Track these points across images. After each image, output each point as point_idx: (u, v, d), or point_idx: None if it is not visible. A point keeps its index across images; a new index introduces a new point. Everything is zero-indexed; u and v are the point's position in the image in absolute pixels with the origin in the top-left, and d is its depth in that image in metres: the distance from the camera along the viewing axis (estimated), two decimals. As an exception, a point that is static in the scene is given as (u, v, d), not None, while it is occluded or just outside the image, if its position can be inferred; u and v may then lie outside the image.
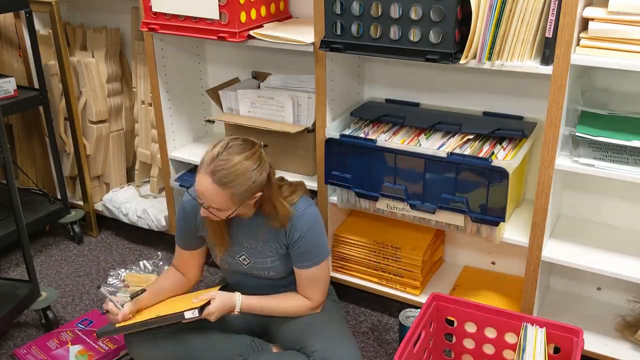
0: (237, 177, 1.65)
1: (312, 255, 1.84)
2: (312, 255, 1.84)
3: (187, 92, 2.55)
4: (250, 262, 1.90)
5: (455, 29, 1.72)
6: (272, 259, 1.87)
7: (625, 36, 1.58)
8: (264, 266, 1.89)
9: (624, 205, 2.01)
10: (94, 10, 2.79)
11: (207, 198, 1.69)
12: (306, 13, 2.28)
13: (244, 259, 1.90)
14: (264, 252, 1.87)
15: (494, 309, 1.82)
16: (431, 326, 1.88)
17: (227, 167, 1.65)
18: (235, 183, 1.66)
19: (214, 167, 1.66)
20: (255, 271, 1.91)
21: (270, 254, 1.87)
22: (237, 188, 1.67)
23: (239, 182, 1.66)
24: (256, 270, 1.91)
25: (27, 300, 2.17)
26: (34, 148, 2.92)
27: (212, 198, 1.68)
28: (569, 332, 1.72)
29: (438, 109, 2.14)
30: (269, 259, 1.88)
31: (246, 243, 1.88)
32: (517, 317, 1.79)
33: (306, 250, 1.83)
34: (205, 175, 1.67)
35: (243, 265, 1.91)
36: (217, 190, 1.66)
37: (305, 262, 1.84)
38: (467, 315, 1.85)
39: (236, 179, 1.65)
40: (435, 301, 1.88)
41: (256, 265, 1.90)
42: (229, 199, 1.68)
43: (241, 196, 1.69)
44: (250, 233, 1.87)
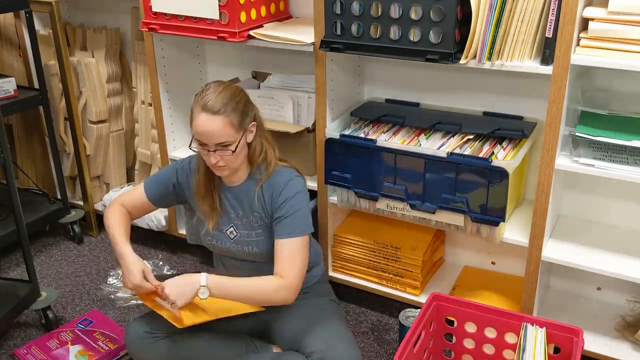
0: (227, 102, 1.70)
1: (292, 225, 1.77)
2: (292, 225, 1.77)
3: (187, 92, 2.54)
4: (237, 235, 1.88)
5: (455, 29, 1.72)
6: (256, 232, 1.86)
7: (625, 36, 1.58)
8: (249, 239, 1.86)
9: (624, 205, 2.01)
10: (94, 10, 2.79)
11: (209, 135, 1.70)
12: (306, 13, 2.28)
13: (231, 232, 1.88)
14: (250, 223, 1.85)
15: (494, 309, 1.82)
16: (431, 326, 1.88)
17: (214, 96, 1.70)
18: (227, 107, 1.69)
19: (202, 102, 1.70)
20: (240, 246, 1.88)
21: (256, 225, 1.85)
22: (231, 112, 1.70)
23: (231, 106, 1.70)
24: (241, 245, 1.88)
25: (27, 300, 2.17)
26: (34, 148, 2.92)
27: (213, 132, 1.69)
28: (569, 332, 1.72)
29: (438, 109, 2.14)
30: (253, 232, 1.86)
31: (234, 213, 1.87)
32: (517, 317, 1.79)
33: (287, 217, 1.77)
34: (199, 113, 1.70)
35: (229, 238, 1.89)
36: (214, 121, 1.68)
37: (285, 232, 1.77)
38: (467, 315, 1.85)
39: (227, 103, 1.69)
40: (435, 301, 1.88)
41: (242, 239, 1.87)
42: (228, 125, 1.70)
43: (240, 121, 1.72)
44: (238, 200, 1.86)
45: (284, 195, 1.79)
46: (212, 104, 1.69)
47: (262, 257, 1.88)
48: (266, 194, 1.82)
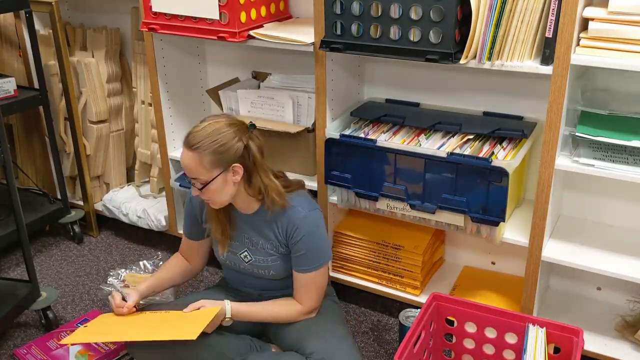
0: (204, 138, 1.68)
1: (311, 260, 1.82)
2: (311, 260, 1.82)
3: (187, 92, 2.55)
4: (252, 259, 1.90)
5: (455, 29, 1.72)
6: (272, 258, 1.87)
7: (625, 36, 1.58)
8: (265, 264, 1.89)
9: (624, 205, 2.01)
10: (94, 10, 2.79)
11: (185, 166, 1.72)
12: (306, 13, 2.28)
13: (246, 256, 1.90)
14: (265, 250, 1.87)
15: (494, 309, 1.82)
16: (431, 326, 1.88)
17: (196, 131, 1.71)
18: (202, 144, 1.67)
19: (187, 137, 1.72)
20: (256, 270, 1.91)
21: (271, 252, 1.87)
22: (205, 151, 1.68)
23: (206, 143, 1.67)
24: (257, 269, 1.90)
25: (27, 300, 2.17)
26: (34, 148, 2.92)
27: (186, 164, 1.71)
28: (569, 332, 1.72)
29: (438, 109, 2.14)
30: (269, 257, 1.87)
31: (247, 239, 1.89)
32: (517, 317, 1.79)
33: (306, 254, 1.82)
34: (183, 147, 1.73)
35: (244, 262, 1.91)
36: (189, 156, 1.70)
37: (304, 267, 1.83)
38: (467, 315, 1.85)
39: (204, 139, 1.68)
40: (435, 301, 1.88)
41: (257, 264, 1.90)
42: (198, 163, 1.69)
43: (212, 161, 1.68)
44: (252, 228, 1.87)
45: (300, 232, 1.80)
46: (190, 137, 1.70)
47: (279, 276, 1.91)
48: (281, 229, 1.83)
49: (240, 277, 1.99)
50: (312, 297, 1.86)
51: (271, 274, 1.90)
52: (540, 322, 1.76)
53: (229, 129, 1.71)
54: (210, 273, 2.60)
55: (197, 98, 2.60)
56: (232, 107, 2.34)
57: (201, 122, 1.73)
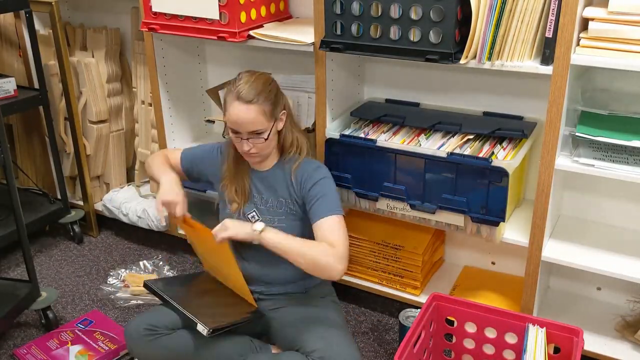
0: (260, 91, 1.77)
1: (327, 206, 1.81)
2: (327, 206, 1.81)
3: (187, 92, 2.55)
4: (259, 219, 1.90)
5: (455, 29, 1.72)
6: (279, 218, 1.89)
7: (625, 36, 1.58)
8: (271, 225, 1.85)
9: (624, 205, 2.01)
10: (94, 10, 2.79)
11: (242, 123, 1.76)
12: (306, 13, 2.28)
13: (253, 216, 1.92)
14: (274, 209, 1.90)
15: (494, 309, 1.82)
16: (431, 326, 1.88)
17: (247, 85, 1.77)
18: (260, 96, 1.76)
19: (236, 92, 1.76)
20: None
21: (280, 210, 1.90)
22: (264, 101, 1.77)
23: (263, 95, 1.77)
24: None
25: (27, 300, 2.17)
26: (34, 148, 2.92)
27: (247, 120, 1.76)
28: (569, 332, 1.72)
29: (438, 109, 2.14)
30: (276, 218, 1.90)
31: (258, 198, 1.92)
32: (517, 317, 1.79)
33: (320, 199, 1.81)
34: (232, 102, 1.77)
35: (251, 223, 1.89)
36: (249, 109, 1.75)
37: (322, 212, 1.80)
38: (467, 315, 1.85)
39: (260, 92, 1.77)
40: (435, 301, 1.88)
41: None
42: (261, 114, 1.76)
43: (271, 109, 1.78)
44: (264, 186, 1.91)
45: (313, 178, 1.85)
46: (245, 93, 1.75)
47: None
48: (295, 180, 1.87)
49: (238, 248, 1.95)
50: (341, 240, 1.77)
51: None
52: (540, 322, 1.76)
53: (274, 82, 1.84)
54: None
55: (197, 98, 2.60)
56: (232, 107, 2.34)
57: (243, 77, 1.79)
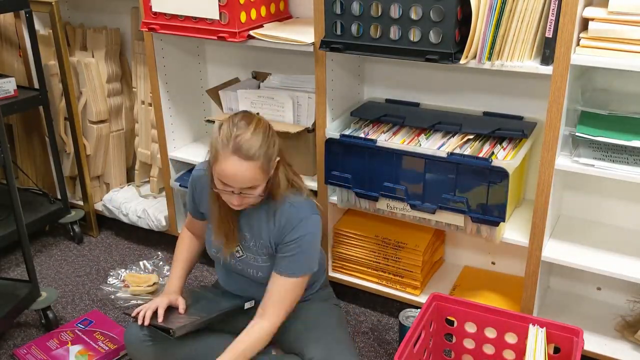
0: (261, 145, 1.64)
1: (293, 266, 1.76)
2: (293, 266, 1.76)
3: (187, 92, 2.55)
4: (243, 255, 1.87)
5: (455, 29, 1.72)
6: (263, 259, 1.84)
7: (625, 36, 1.58)
8: (255, 264, 1.85)
9: (624, 205, 2.01)
10: (94, 10, 2.79)
11: (239, 179, 1.64)
12: (306, 13, 2.28)
13: (238, 250, 1.87)
14: (257, 249, 1.84)
15: (494, 309, 1.82)
16: (431, 326, 1.88)
17: (246, 140, 1.62)
18: (260, 151, 1.64)
19: (235, 145, 1.62)
20: (245, 267, 1.88)
21: (262, 251, 1.83)
22: (262, 157, 1.65)
23: (264, 149, 1.65)
24: (246, 266, 1.87)
25: (27, 300, 2.17)
26: (34, 148, 2.92)
27: (244, 176, 1.64)
28: (569, 332, 1.72)
29: (438, 109, 2.14)
30: (259, 257, 1.84)
31: (241, 234, 1.85)
32: (517, 317, 1.79)
33: (291, 257, 1.75)
34: (230, 155, 1.62)
35: (235, 257, 1.88)
36: (247, 166, 1.62)
37: (284, 270, 1.76)
38: (467, 315, 1.85)
39: (261, 146, 1.64)
40: (435, 301, 1.88)
41: (247, 261, 1.86)
42: (259, 170, 1.65)
43: (267, 164, 1.67)
44: (249, 225, 1.83)
45: (294, 233, 1.75)
46: (246, 148, 1.62)
47: (266, 280, 1.85)
48: (278, 225, 1.77)
49: (231, 280, 1.97)
50: (280, 311, 1.77)
51: (259, 275, 1.87)
52: (540, 322, 1.76)
53: (270, 129, 1.70)
54: (210, 273, 2.60)
55: (197, 98, 2.60)
56: (232, 107, 2.34)
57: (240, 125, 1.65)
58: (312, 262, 1.80)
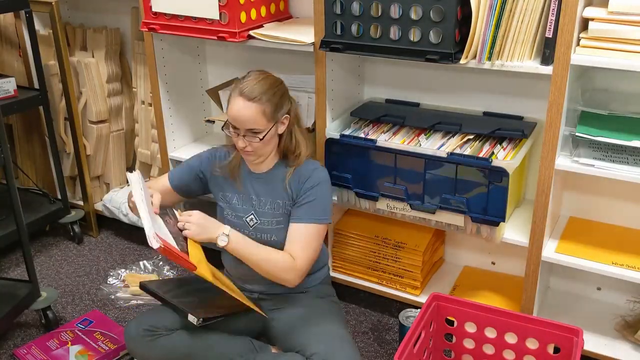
0: (264, 91, 1.76)
1: (312, 212, 1.84)
2: (312, 212, 1.84)
3: (187, 92, 2.55)
4: (257, 222, 1.90)
5: (455, 29, 1.72)
6: (277, 220, 1.88)
7: (625, 36, 1.58)
8: (269, 227, 1.88)
9: (624, 205, 2.01)
10: (94, 10, 2.79)
11: (241, 120, 1.76)
12: (306, 13, 2.28)
13: (251, 219, 1.91)
14: (272, 211, 1.89)
15: (494, 309, 1.82)
16: (431, 326, 1.88)
17: (253, 83, 1.77)
18: (263, 96, 1.76)
19: (240, 87, 1.76)
20: (259, 234, 1.90)
21: (278, 212, 1.88)
22: (267, 102, 1.76)
23: (267, 96, 1.76)
24: (260, 232, 1.90)
25: (27, 300, 2.17)
26: (34, 148, 2.92)
27: (245, 115, 1.75)
28: (569, 332, 1.72)
29: (438, 109, 2.14)
30: (274, 220, 1.89)
31: (256, 200, 1.91)
32: (517, 317, 1.79)
33: (311, 203, 1.84)
34: (235, 97, 1.77)
35: (249, 226, 1.91)
36: (249, 107, 1.75)
37: (303, 216, 1.84)
38: (467, 315, 1.85)
39: (264, 92, 1.76)
40: (435, 301, 1.88)
41: (262, 227, 1.89)
42: (260, 113, 1.76)
43: (273, 112, 1.78)
44: (262, 187, 1.90)
45: (310, 182, 1.85)
46: (249, 90, 1.75)
47: (281, 245, 1.88)
48: (293, 180, 1.87)
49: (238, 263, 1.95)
50: (307, 254, 1.83)
51: (273, 239, 1.89)
52: (540, 322, 1.76)
53: (281, 85, 1.83)
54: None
55: (197, 98, 2.60)
56: (232, 107, 2.34)
57: (251, 75, 1.80)
58: (328, 209, 1.88)
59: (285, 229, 1.87)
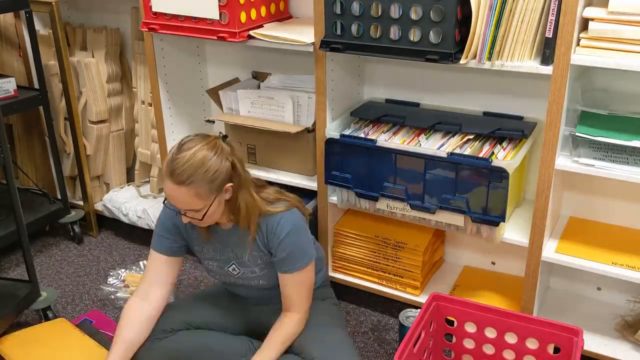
0: (194, 172, 1.58)
1: (293, 262, 1.77)
2: (293, 262, 1.77)
3: (187, 92, 2.55)
4: (240, 272, 1.87)
5: (455, 29, 1.72)
6: (260, 267, 1.84)
7: (625, 36, 1.58)
8: (254, 275, 1.87)
9: (624, 205, 2.01)
10: (94, 10, 2.79)
11: (177, 201, 1.63)
12: (306, 13, 2.28)
13: (234, 268, 1.87)
14: (251, 261, 1.84)
15: (494, 309, 1.82)
16: (431, 326, 1.88)
17: (181, 164, 1.58)
18: (194, 178, 1.58)
19: (170, 168, 1.60)
20: (246, 281, 1.89)
21: (258, 262, 1.83)
22: (199, 182, 1.59)
23: (199, 176, 1.59)
24: (247, 280, 1.88)
25: (27, 300, 2.17)
26: (34, 148, 2.92)
27: (181, 200, 1.62)
28: (569, 332, 1.72)
29: (438, 109, 2.14)
30: (257, 268, 1.84)
31: (232, 253, 1.85)
32: (517, 317, 1.79)
33: (288, 255, 1.76)
34: (167, 179, 1.61)
35: (233, 275, 1.89)
36: (181, 191, 1.59)
37: (287, 268, 1.77)
38: (467, 315, 1.85)
39: (194, 173, 1.58)
40: (435, 301, 1.88)
41: (246, 275, 1.87)
42: (194, 196, 1.60)
43: (208, 190, 1.61)
44: (235, 242, 1.82)
45: (276, 238, 1.75)
46: (178, 173, 1.58)
47: (269, 286, 1.88)
48: (262, 234, 1.77)
49: (231, 288, 1.99)
50: (304, 298, 1.81)
51: (261, 283, 1.88)
52: (540, 322, 1.76)
53: (213, 154, 1.61)
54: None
55: (197, 98, 2.60)
56: (232, 107, 2.34)
57: (180, 151, 1.61)
58: (308, 250, 1.80)
59: (270, 273, 1.83)
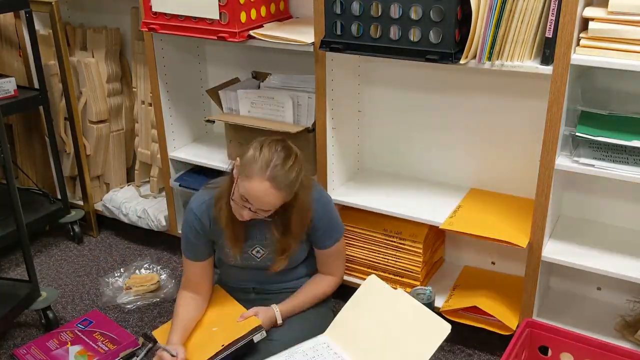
0: (292, 182, 1.75)
1: (331, 234, 1.94)
2: (331, 234, 1.94)
3: (187, 92, 2.55)
4: (264, 253, 1.91)
5: (455, 29, 1.72)
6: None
7: (625, 36, 1.58)
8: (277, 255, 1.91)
9: (624, 205, 2.00)
10: (94, 10, 2.79)
11: (262, 201, 1.73)
12: (306, 13, 2.28)
13: (258, 251, 1.92)
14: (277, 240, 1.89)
15: (594, 340, 1.71)
16: (523, 354, 1.78)
17: (283, 172, 1.72)
18: (290, 186, 1.75)
19: (272, 173, 1.71)
20: (269, 262, 1.92)
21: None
22: (290, 190, 1.76)
23: (292, 185, 1.76)
24: (269, 261, 1.92)
25: (27, 300, 2.17)
26: (34, 148, 2.92)
27: (268, 201, 1.73)
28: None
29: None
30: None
31: (259, 234, 1.90)
32: (617, 349, 1.69)
33: (325, 231, 1.92)
34: (263, 180, 1.70)
35: (256, 258, 1.92)
36: (275, 194, 1.73)
37: (327, 242, 1.94)
38: (564, 345, 1.75)
39: (292, 183, 1.75)
40: (528, 328, 1.79)
41: (269, 256, 1.91)
42: (282, 200, 1.77)
43: (289, 196, 1.78)
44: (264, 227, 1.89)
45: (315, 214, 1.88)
46: (280, 180, 1.71)
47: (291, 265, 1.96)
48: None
49: (239, 274, 1.99)
50: (341, 265, 2.04)
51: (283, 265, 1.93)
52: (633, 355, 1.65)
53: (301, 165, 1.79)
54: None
55: (197, 98, 2.60)
56: (232, 107, 2.34)
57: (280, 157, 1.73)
58: (338, 222, 1.99)
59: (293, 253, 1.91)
